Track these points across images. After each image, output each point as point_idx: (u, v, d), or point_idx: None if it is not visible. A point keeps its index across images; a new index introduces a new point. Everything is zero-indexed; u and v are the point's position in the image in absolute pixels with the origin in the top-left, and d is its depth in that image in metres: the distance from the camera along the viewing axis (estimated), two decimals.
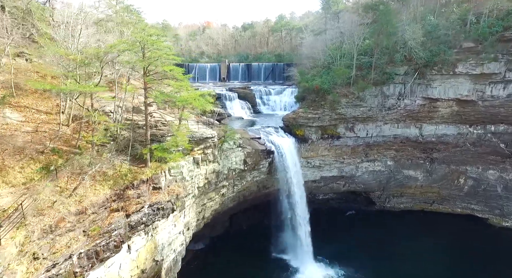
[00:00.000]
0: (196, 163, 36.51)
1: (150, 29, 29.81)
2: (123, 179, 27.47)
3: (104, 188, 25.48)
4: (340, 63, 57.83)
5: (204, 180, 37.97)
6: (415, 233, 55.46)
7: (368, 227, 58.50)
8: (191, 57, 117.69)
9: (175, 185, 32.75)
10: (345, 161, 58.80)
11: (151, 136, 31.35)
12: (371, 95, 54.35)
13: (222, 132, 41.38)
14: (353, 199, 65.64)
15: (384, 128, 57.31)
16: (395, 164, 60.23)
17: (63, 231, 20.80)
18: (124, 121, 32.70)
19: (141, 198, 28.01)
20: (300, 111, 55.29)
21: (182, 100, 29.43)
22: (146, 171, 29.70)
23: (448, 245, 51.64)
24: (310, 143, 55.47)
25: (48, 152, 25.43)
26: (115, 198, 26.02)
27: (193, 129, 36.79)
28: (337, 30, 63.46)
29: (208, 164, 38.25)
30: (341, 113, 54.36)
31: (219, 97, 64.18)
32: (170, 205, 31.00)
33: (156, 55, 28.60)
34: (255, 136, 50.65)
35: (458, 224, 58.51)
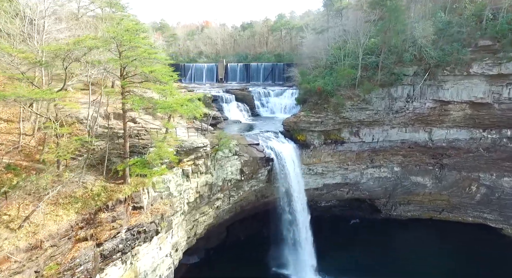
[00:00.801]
0: (186, 175, 31.84)
1: (128, 23, 25.00)
2: (95, 200, 22.78)
3: (69, 212, 20.79)
4: (344, 63, 53.07)
5: (195, 194, 33.28)
6: (423, 242, 51.00)
7: (373, 236, 53.85)
8: (189, 57, 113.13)
9: (160, 203, 28.07)
10: (349, 167, 54.11)
11: (131, 148, 26.65)
12: (377, 98, 49.62)
13: (216, 140, 36.68)
14: (357, 206, 61.04)
15: (391, 132, 52.60)
16: (402, 170, 55.53)
17: (6, 275, 16.10)
18: (102, 130, 27.97)
19: (117, 221, 23.31)
20: (301, 115, 50.54)
21: (165, 107, 24.66)
22: (124, 188, 25.00)
23: (459, 255, 47.28)
24: (312, 149, 50.74)
25: (1, 170, 20.70)
26: (83, 224, 21.34)
27: (182, 138, 32.06)
28: (340, 28, 58.66)
29: (199, 176, 33.55)
30: (346, 117, 49.61)
31: (215, 99, 59.51)
32: (153, 226, 26.33)
33: (134, 54, 23.83)
34: (253, 143, 45.93)
35: (470, 233, 53.93)
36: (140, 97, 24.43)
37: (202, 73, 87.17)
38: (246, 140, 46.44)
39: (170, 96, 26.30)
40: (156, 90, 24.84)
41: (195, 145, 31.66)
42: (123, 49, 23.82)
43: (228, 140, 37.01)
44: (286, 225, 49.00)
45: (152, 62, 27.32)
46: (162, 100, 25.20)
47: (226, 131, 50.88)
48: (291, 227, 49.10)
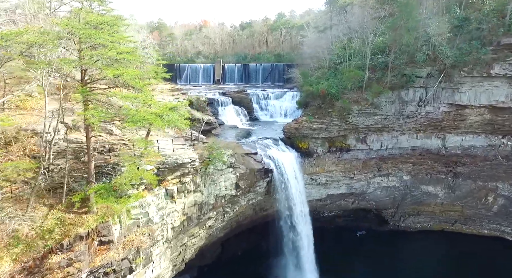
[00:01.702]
0: (170, 196, 26.53)
1: (90, 15, 19.59)
2: (44, 239, 17.48)
3: (1, 262, 15.46)
4: (350, 64, 47.61)
5: (181, 217, 27.95)
6: (435, 256, 45.79)
7: (381, 249, 48.61)
8: (187, 57, 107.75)
9: (136, 233, 22.78)
10: (356, 176, 48.80)
11: (99, 168, 21.32)
12: (387, 102, 44.24)
13: (207, 152, 31.27)
14: (362, 217, 55.75)
15: (401, 139, 47.25)
16: (412, 178, 50.20)
17: None
18: (67, 145, 22.58)
19: (74, 264, 18.04)
20: (303, 120, 45.16)
21: (136, 120, 19.20)
22: (88, 219, 19.71)
23: (473, 269, 42.91)
24: (315, 157, 45.42)
25: None
26: (24, 275, 16.00)
27: (166, 153, 26.69)
28: (345, 26, 53.16)
29: (187, 195, 28.23)
30: (352, 123, 44.26)
31: (210, 102, 54.12)
32: (126, 263, 21.07)
33: (97, 54, 18.45)
34: (251, 152, 40.62)
35: (485, 246, 48.79)
36: (105, 108, 19.02)
37: (198, 74, 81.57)
38: (243, 149, 41.14)
39: (144, 106, 20.82)
40: (124, 99, 19.35)
41: (181, 161, 26.33)
42: (83, 47, 18.46)
43: (221, 152, 31.64)
44: (287, 239, 44.04)
45: (129, 63, 22.03)
46: (134, 110, 19.73)
47: (221, 138, 45.64)
48: (292, 241, 44.15)
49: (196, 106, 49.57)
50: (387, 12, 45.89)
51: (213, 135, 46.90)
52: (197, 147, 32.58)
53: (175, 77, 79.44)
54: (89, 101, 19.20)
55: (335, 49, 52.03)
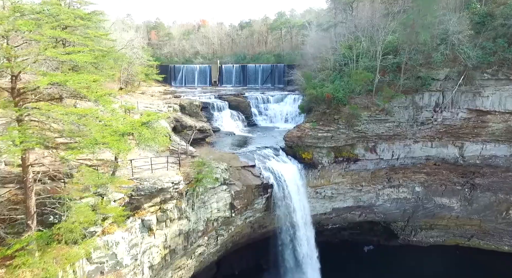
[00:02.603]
0: (147, 228, 21.10)
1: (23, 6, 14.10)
2: None
3: None
4: (357, 65, 42.12)
5: (162, 251, 22.53)
6: (449, 273, 40.74)
7: (391, 266, 43.41)
8: (184, 57, 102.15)
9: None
10: (364, 188, 43.41)
11: (43, 204, 15.86)
12: (399, 107, 38.86)
13: (196, 169, 25.82)
14: (369, 229, 50.31)
15: (414, 148, 41.83)
16: (425, 190, 44.71)
17: None
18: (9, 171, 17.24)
19: None
20: (306, 127, 39.78)
21: (86, 145, 13.67)
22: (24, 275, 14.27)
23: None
24: (320, 169, 40.00)
25: None
26: None
27: (143, 175, 21.26)
28: (352, 24, 47.55)
29: (169, 225, 22.80)
30: (361, 131, 38.88)
31: (205, 107, 48.65)
32: None
33: (28, 53, 12.99)
34: (248, 164, 35.31)
35: (505, 264, 43.34)
36: (41, 129, 13.52)
37: (193, 75, 75.81)
38: (239, 161, 35.81)
39: (98, 124, 15.27)
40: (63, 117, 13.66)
41: (160, 185, 20.87)
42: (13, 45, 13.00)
43: (211, 170, 26.17)
44: (288, 257, 39.02)
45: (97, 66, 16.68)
46: (86, 131, 14.18)
47: (216, 147, 40.29)
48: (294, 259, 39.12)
49: (189, 111, 44.16)
50: (400, 7, 40.23)
51: (207, 144, 41.57)
52: (185, 163, 27.19)
53: (169, 79, 74.02)
54: (23, 118, 13.70)
55: (340, 49, 46.44)
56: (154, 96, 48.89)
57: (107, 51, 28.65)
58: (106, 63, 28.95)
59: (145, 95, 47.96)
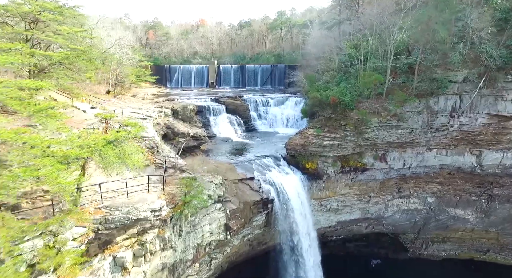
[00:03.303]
0: (121, 266, 16.91)
1: None
2: None
3: None
4: (365, 66, 37.93)
5: None
6: None
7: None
8: (183, 57, 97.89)
9: None
10: (372, 199, 39.40)
11: None
12: (413, 112, 34.70)
13: (184, 190, 21.64)
14: (376, 240, 46.16)
15: (427, 156, 37.69)
16: (438, 200, 40.64)
17: None
18: None
19: None
20: (310, 134, 35.62)
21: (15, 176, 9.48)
22: None
23: None
24: (325, 179, 35.90)
25: None
26: None
27: (116, 201, 17.08)
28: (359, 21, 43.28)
29: (150, 259, 18.62)
30: (370, 139, 34.72)
31: (200, 111, 44.47)
32: None
33: None
34: (246, 177, 31.20)
35: None
36: None
37: (190, 76, 71.35)
38: (236, 173, 31.71)
39: (24, 150, 10.99)
40: None
41: (135, 216, 16.72)
42: None
43: (202, 189, 21.99)
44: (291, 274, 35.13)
45: None
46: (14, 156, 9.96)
47: (211, 156, 36.15)
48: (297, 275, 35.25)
49: (182, 116, 39.99)
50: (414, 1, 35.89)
51: (201, 152, 37.41)
52: (172, 180, 23.03)
53: (165, 80, 69.75)
54: None
55: (346, 48, 42.20)
56: (145, 99, 44.70)
57: (83, 51, 24.44)
58: (83, 64, 24.75)
59: (135, 98, 43.80)
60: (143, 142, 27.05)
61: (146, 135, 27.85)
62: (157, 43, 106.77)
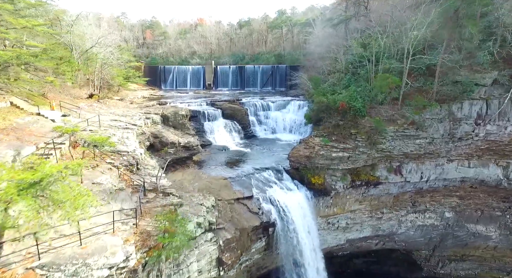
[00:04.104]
0: None
1: None
2: None
3: None
4: (378, 67, 33.02)
5: None
6: None
7: None
8: (181, 57, 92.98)
9: None
10: (384, 215, 34.63)
11: None
12: (433, 119, 29.78)
13: (161, 227, 16.66)
14: (386, 256, 41.27)
15: (448, 168, 32.82)
16: (457, 216, 35.76)
17: None
18: None
19: None
20: (316, 143, 30.80)
21: None
22: None
23: None
24: (333, 195, 31.02)
25: None
26: None
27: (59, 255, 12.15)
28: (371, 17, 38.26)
29: None
30: (385, 150, 29.82)
31: (194, 116, 39.58)
32: None
33: None
34: (243, 196, 26.31)
35: None
36: None
37: (186, 78, 66.03)
38: (232, 190, 26.85)
39: None
40: None
41: (85, 275, 11.76)
42: None
43: (185, 223, 17.10)
44: None
45: None
46: None
47: (204, 169, 31.31)
48: None
49: (173, 123, 35.10)
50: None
51: (194, 164, 32.52)
52: (149, 210, 18.16)
53: (159, 81, 64.69)
54: None
55: (354, 47, 37.26)
56: (134, 103, 39.76)
57: (46, 49, 19.50)
58: (45, 64, 19.81)
59: (123, 102, 38.86)
60: (120, 158, 22.15)
61: (125, 150, 22.97)
62: (155, 43, 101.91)
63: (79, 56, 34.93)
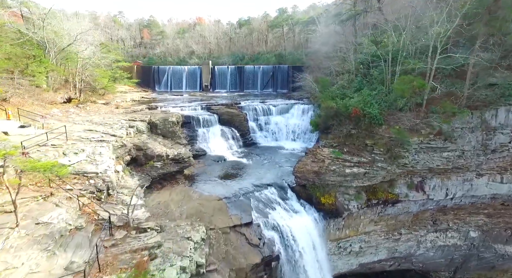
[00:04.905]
0: None
1: None
2: None
3: None
4: (395, 68, 28.03)
5: None
6: None
7: None
8: (179, 57, 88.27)
9: None
10: (402, 236, 29.64)
11: None
12: (463, 129, 24.80)
13: None
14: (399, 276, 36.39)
15: (477, 184, 27.85)
16: (483, 235, 30.91)
17: None
18: None
19: None
20: (325, 156, 25.91)
21: None
22: None
23: None
24: (346, 217, 26.10)
25: None
26: None
27: None
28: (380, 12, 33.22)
29: None
30: (408, 165, 24.86)
31: (188, 122, 34.65)
32: None
33: None
34: (240, 222, 21.39)
35: None
36: None
37: (181, 79, 60.73)
38: (228, 215, 21.95)
39: None
40: None
41: None
42: None
43: (162, 272, 12.15)
44: None
45: None
46: None
47: (196, 185, 26.45)
48: None
49: (162, 131, 30.15)
50: None
51: (185, 179, 27.60)
52: (114, 258, 13.24)
53: (152, 83, 59.62)
54: None
55: (367, 45, 32.27)
56: (120, 107, 34.75)
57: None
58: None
59: (107, 107, 33.89)
60: (86, 181, 17.23)
61: (93, 171, 18.03)
62: (152, 42, 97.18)
63: (55, 55, 30.04)
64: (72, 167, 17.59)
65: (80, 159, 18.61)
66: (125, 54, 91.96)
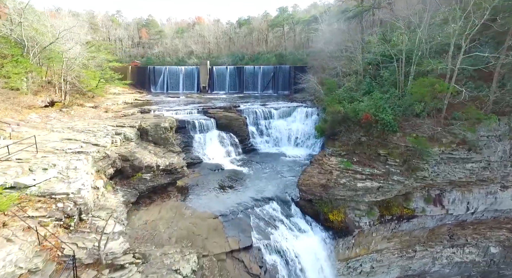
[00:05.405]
0: None
1: None
2: None
3: None
4: (409, 69, 24.90)
5: None
6: None
7: None
8: (177, 57, 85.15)
9: None
10: (417, 254, 26.55)
11: None
12: (490, 137, 21.68)
13: None
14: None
15: (502, 197, 24.77)
16: (504, 251, 27.88)
17: None
18: None
19: None
20: (333, 167, 22.84)
21: None
22: None
23: None
24: (356, 235, 22.99)
25: None
26: None
27: None
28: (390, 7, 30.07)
29: None
30: (427, 178, 21.74)
31: (182, 127, 31.54)
32: None
33: None
34: (239, 246, 18.31)
35: None
36: None
37: (178, 80, 57.47)
38: (224, 236, 18.84)
39: None
40: None
41: None
42: None
43: None
44: None
45: None
46: None
47: (189, 199, 23.43)
48: None
49: (154, 138, 27.02)
50: None
51: (177, 191, 24.50)
52: None
53: (148, 84, 56.46)
54: None
55: (378, 43, 29.11)
56: (109, 111, 31.60)
57: None
58: None
59: (95, 111, 30.77)
60: (53, 205, 14.13)
61: (63, 191, 14.93)
62: (151, 42, 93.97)
63: (36, 54, 26.97)
64: (38, 187, 14.51)
65: (50, 176, 15.51)
66: (123, 54, 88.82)
